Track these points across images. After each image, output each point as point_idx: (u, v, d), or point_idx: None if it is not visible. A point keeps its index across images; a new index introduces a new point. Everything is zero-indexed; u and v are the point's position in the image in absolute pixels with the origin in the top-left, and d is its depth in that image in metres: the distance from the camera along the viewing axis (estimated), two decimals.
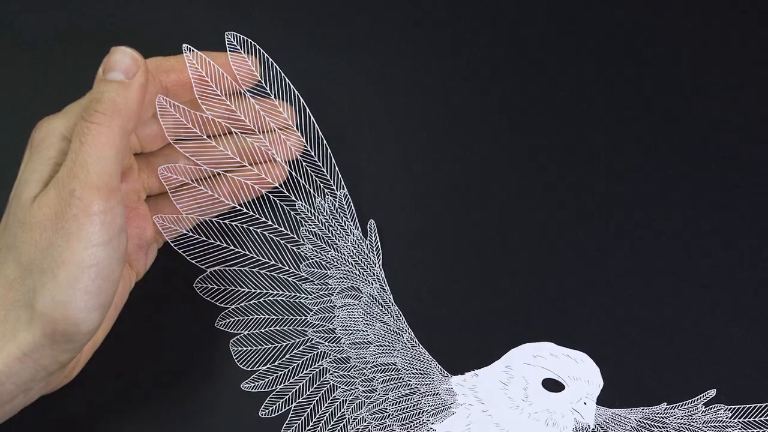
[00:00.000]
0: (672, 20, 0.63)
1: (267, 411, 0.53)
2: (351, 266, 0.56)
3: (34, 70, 0.61)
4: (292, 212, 0.55)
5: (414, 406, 0.54)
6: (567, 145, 0.61)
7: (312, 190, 0.56)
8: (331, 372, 0.54)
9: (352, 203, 0.56)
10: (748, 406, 0.53)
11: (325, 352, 0.55)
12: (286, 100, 0.55)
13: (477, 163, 0.61)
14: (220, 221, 0.55)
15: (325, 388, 0.54)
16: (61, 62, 0.60)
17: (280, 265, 0.55)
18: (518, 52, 0.63)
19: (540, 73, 0.63)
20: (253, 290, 0.55)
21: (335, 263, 0.55)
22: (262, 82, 0.54)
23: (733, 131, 0.61)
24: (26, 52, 0.61)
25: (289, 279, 0.55)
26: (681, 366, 0.56)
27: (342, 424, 0.53)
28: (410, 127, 0.61)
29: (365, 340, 0.55)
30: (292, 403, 0.54)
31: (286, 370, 0.54)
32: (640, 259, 0.58)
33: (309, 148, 0.55)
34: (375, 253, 0.56)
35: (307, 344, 0.55)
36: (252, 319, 0.55)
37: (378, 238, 0.56)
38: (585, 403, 0.52)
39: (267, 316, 0.55)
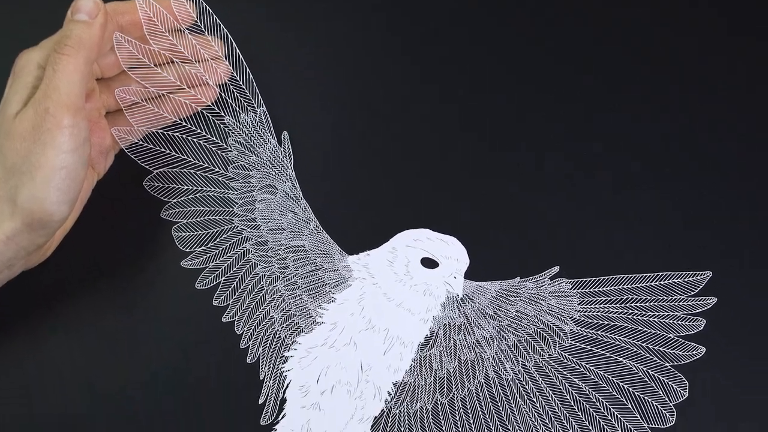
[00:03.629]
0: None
1: (202, 283, 0.63)
2: (269, 168, 0.65)
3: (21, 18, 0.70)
4: (221, 125, 0.65)
5: (319, 279, 0.63)
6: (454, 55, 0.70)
7: (237, 108, 0.65)
8: (252, 252, 0.64)
9: (269, 118, 0.65)
10: (584, 279, 0.62)
11: (248, 236, 0.64)
12: (217, 36, 0.63)
13: (373, 83, 0.70)
14: (165, 132, 0.64)
15: (248, 266, 0.63)
16: (42, 9, 0.69)
17: (211, 167, 0.65)
18: None
19: None
20: (191, 187, 0.65)
21: (256, 166, 0.65)
22: (198, 21, 0.62)
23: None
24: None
25: (219, 178, 0.65)
26: (532, 247, 0.65)
27: (261, 294, 0.63)
28: (319, 57, 0.70)
29: (280, 227, 0.64)
30: (221, 277, 0.63)
31: (217, 251, 0.64)
32: (505, 160, 0.67)
33: (235, 74, 0.64)
34: (288, 158, 0.65)
35: (234, 230, 0.64)
36: (190, 210, 0.64)
37: (290, 146, 0.65)
38: (455, 277, 0.62)
39: (201, 208, 0.64)
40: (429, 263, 0.62)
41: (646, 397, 0.59)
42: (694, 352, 0.60)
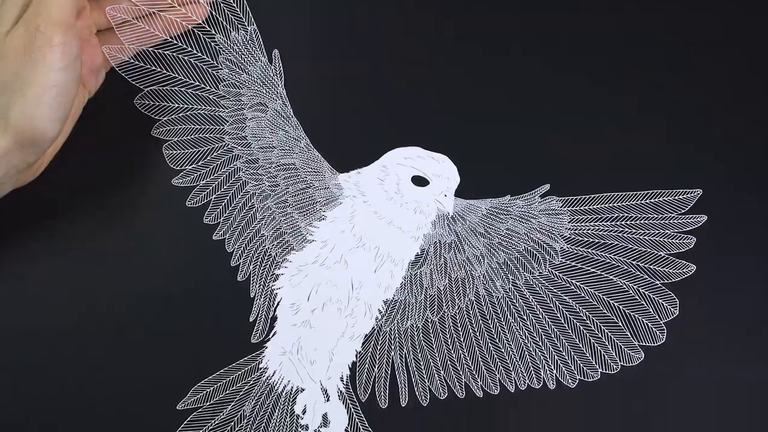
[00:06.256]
0: None
1: (192, 201, 0.65)
2: (259, 86, 0.67)
3: None
4: (212, 43, 0.67)
5: (309, 197, 0.65)
6: None
7: (228, 26, 0.67)
8: (243, 170, 0.66)
9: (260, 36, 0.67)
10: (574, 197, 0.64)
11: (238, 154, 0.66)
12: None
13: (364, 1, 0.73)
14: (156, 50, 0.66)
15: (239, 183, 0.66)
16: None
17: (202, 86, 0.67)
18: None
19: None
20: (182, 105, 0.67)
21: (246, 84, 0.67)
22: None
23: None
24: None
25: (210, 96, 0.67)
26: (523, 165, 0.67)
27: (252, 212, 0.65)
28: None
29: (270, 145, 0.66)
30: (212, 195, 0.65)
31: (208, 168, 0.66)
32: (496, 78, 0.70)
33: None
34: (278, 76, 0.67)
35: (224, 148, 0.66)
36: (180, 128, 0.66)
37: (281, 64, 0.67)
38: (445, 195, 0.64)
39: (192, 126, 0.67)
40: (419, 181, 0.64)
41: (636, 315, 0.62)
42: (684, 270, 0.62)
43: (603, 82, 0.69)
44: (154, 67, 0.66)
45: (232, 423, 0.63)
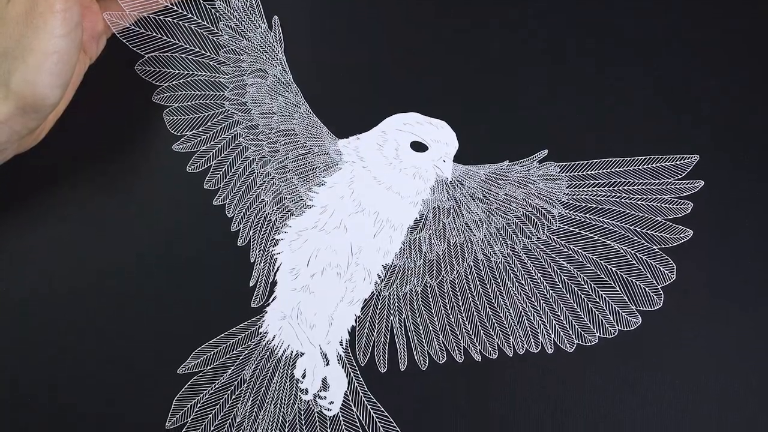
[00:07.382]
0: None
1: (193, 167, 0.66)
2: (259, 52, 0.67)
3: None
4: (212, 10, 0.67)
5: (309, 163, 0.66)
6: None
7: None
8: (243, 136, 0.66)
9: (260, 2, 0.68)
10: (572, 162, 0.65)
11: (238, 120, 0.67)
12: None
13: None
14: (156, 17, 0.66)
15: (239, 149, 0.66)
16: None
17: (203, 52, 0.68)
18: None
19: None
20: (182, 71, 0.67)
21: (247, 50, 0.67)
22: None
23: None
24: None
25: (210, 62, 0.67)
26: (521, 130, 0.68)
27: (252, 178, 0.66)
28: None
29: (270, 111, 0.67)
30: (212, 161, 0.66)
31: (208, 134, 0.67)
32: (495, 44, 0.72)
33: None
34: (278, 42, 0.68)
35: (224, 114, 0.67)
36: (181, 94, 0.67)
37: (281, 31, 0.68)
38: (444, 161, 0.64)
39: (192, 92, 0.67)
40: (418, 147, 0.65)
41: (633, 280, 0.62)
42: (681, 235, 0.63)
43: (604, 66, 0.71)
44: (154, 34, 0.67)
45: (233, 387, 0.64)
